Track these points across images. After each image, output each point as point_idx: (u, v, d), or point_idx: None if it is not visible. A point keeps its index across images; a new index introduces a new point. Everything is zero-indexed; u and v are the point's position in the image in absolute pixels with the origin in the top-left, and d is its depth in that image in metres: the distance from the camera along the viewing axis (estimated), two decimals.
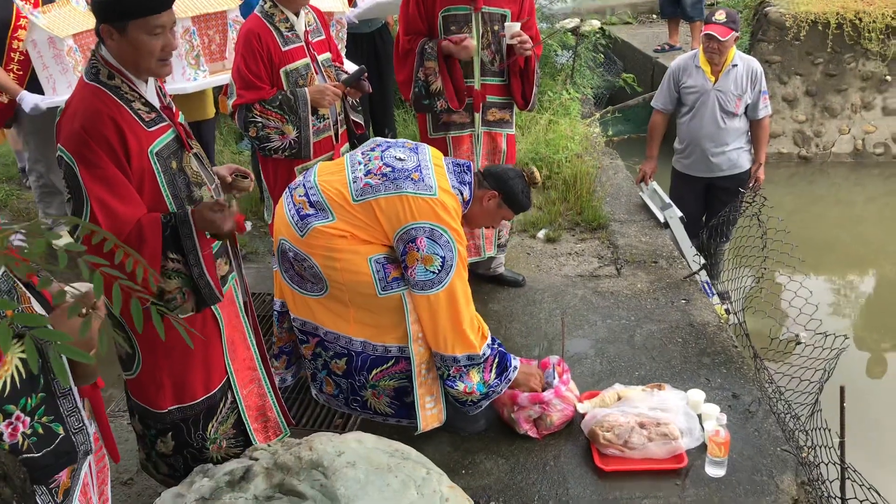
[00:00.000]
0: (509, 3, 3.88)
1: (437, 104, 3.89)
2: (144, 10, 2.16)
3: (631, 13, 9.84)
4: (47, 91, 4.28)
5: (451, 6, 3.81)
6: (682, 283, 4.47)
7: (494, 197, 3.09)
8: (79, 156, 2.14)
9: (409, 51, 3.84)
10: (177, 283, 2.30)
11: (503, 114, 4.07)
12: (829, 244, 6.61)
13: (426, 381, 3.08)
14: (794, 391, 3.34)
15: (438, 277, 2.86)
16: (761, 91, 4.82)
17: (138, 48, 2.20)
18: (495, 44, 3.89)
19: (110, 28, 2.17)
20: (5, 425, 1.51)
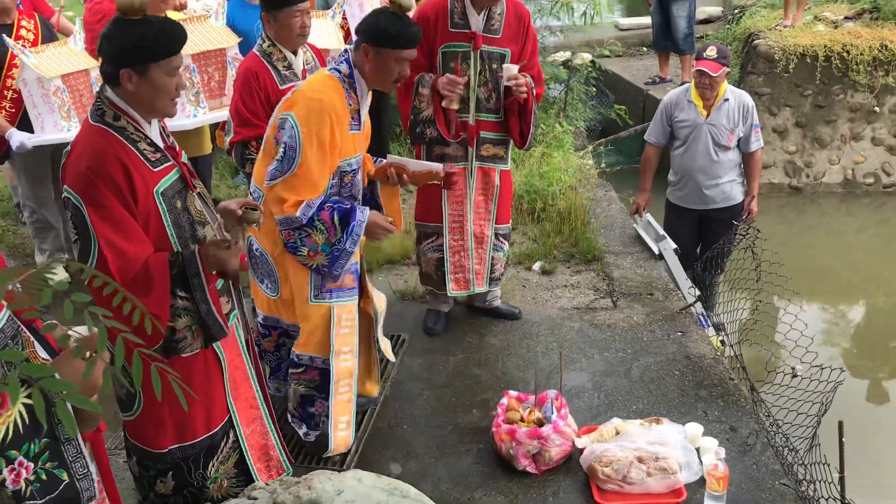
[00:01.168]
0: (510, 43, 3.91)
1: (427, 132, 3.92)
2: (167, 51, 2.22)
3: (622, 46, 9.95)
4: (36, 130, 4.34)
5: (452, 43, 3.87)
6: (677, 315, 4.49)
7: (368, 48, 3.02)
8: (86, 196, 2.16)
9: (410, 84, 3.89)
10: (186, 321, 2.33)
11: (497, 150, 4.10)
12: (822, 273, 6.65)
13: (341, 401, 3.26)
14: (791, 424, 3.35)
15: (281, 167, 2.96)
16: (753, 125, 4.88)
17: (157, 89, 2.24)
18: (492, 81, 3.94)
19: (131, 72, 2.21)
20: (8, 471, 1.51)
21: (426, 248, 4.24)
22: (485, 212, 4.18)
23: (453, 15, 3.85)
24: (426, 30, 3.83)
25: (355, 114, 3.08)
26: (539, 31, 7.99)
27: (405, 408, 3.79)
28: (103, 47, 2.25)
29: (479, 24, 3.85)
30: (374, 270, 5.13)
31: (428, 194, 4.14)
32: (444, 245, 4.16)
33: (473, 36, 3.85)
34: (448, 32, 3.86)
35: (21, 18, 4.54)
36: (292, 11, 3.47)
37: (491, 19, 3.87)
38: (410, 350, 4.26)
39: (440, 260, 4.20)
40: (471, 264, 4.20)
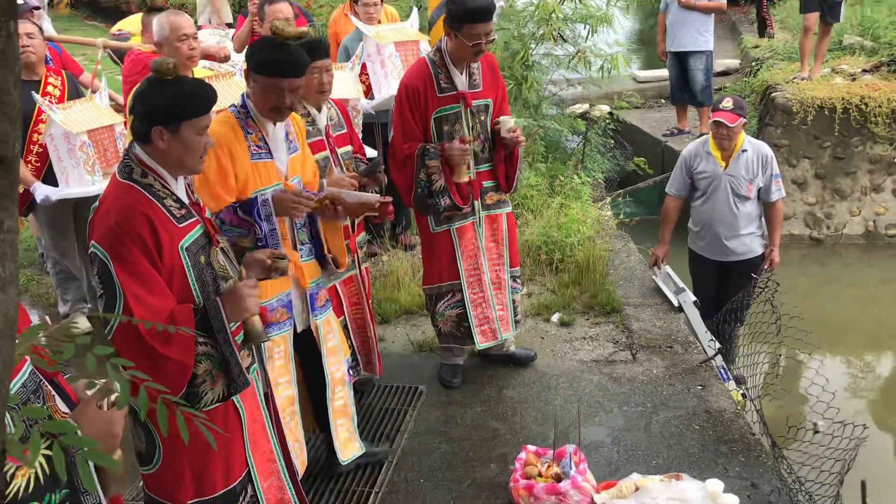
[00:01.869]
0: (489, 92, 4.06)
1: (441, 202, 3.97)
2: (199, 111, 2.31)
3: (639, 98, 10.05)
4: (60, 183, 4.43)
5: (443, 108, 3.95)
6: (697, 368, 4.46)
7: (249, 73, 2.98)
8: (113, 252, 2.22)
9: (409, 157, 3.94)
10: (206, 365, 2.35)
11: (499, 195, 4.20)
12: (845, 326, 6.58)
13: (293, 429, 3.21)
14: (814, 482, 3.29)
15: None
16: (773, 175, 4.89)
17: (188, 147, 2.32)
18: (483, 133, 4.05)
19: (163, 129, 2.28)
20: None
21: (443, 309, 4.23)
22: (497, 257, 4.24)
23: (438, 80, 3.94)
24: (417, 100, 3.92)
25: (259, 140, 3.01)
26: (557, 84, 8.11)
27: (422, 461, 3.77)
28: (136, 106, 2.32)
29: (465, 83, 3.96)
30: (390, 321, 5.15)
31: (438, 258, 4.16)
32: (464, 300, 4.16)
33: (463, 96, 3.94)
34: (437, 98, 3.94)
35: (48, 75, 4.68)
36: (311, 69, 3.51)
37: (472, 75, 3.99)
38: (427, 402, 4.25)
39: (461, 315, 4.20)
40: (494, 313, 4.23)
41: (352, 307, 3.95)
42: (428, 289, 4.27)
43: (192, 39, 4.09)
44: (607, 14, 7.29)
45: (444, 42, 3.96)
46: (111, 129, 4.48)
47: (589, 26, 7.26)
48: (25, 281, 5.99)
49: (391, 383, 4.42)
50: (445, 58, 3.94)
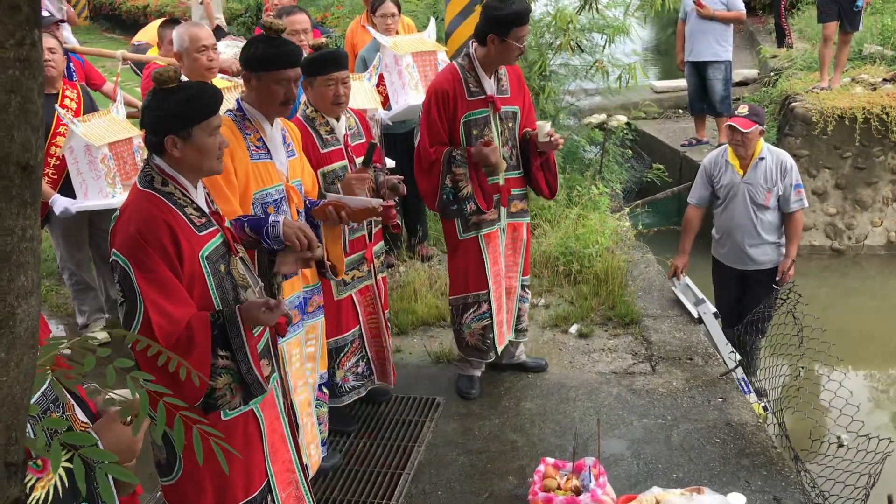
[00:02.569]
0: (517, 100, 4.09)
1: (467, 208, 3.98)
2: (206, 113, 2.31)
3: (657, 108, 10.01)
4: (79, 195, 4.45)
5: (472, 111, 3.95)
6: (718, 380, 4.41)
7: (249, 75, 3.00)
8: (134, 260, 2.22)
9: (434, 162, 3.94)
10: (226, 379, 2.34)
11: (523, 204, 4.23)
12: (867, 337, 6.50)
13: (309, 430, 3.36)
14: (839, 496, 3.24)
15: None
16: (793, 184, 4.84)
17: (203, 150, 2.33)
18: (512, 140, 4.07)
19: (175, 138, 2.29)
20: None
21: (469, 321, 4.20)
22: (514, 265, 4.27)
23: (468, 84, 3.95)
24: (446, 103, 3.93)
25: (258, 141, 3.03)
26: (574, 94, 8.10)
27: (440, 473, 3.74)
28: (146, 119, 2.33)
29: (493, 88, 3.97)
30: (408, 332, 5.13)
31: (466, 265, 4.13)
32: (490, 311, 4.15)
33: (492, 100, 3.95)
34: (467, 102, 3.95)
35: (65, 88, 4.72)
36: (326, 80, 3.51)
37: (499, 81, 4.01)
38: (445, 414, 4.22)
39: (487, 327, 4.18)
40: (505, 317, 4.27)
41: (367, 316, 3.94)
42: (454, 299, 4.24)
43: (212, 50, 4.11)
44: (624, 24, 7.28)
45: (472, 48, 3.98)
46: (129, 141, 4.51)
47: (606, 36, 7.25)
48: (44, 291, 6.03)
49: (408, 394, 4.41)
50: (474, 62, 3.96)
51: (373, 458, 3.88)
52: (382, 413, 4.26)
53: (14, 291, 1.00)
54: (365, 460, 3.87)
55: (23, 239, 1.01)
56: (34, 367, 1.05)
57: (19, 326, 1.01)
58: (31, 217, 1.03)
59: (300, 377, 3.29)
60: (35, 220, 1.04)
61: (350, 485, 3.69)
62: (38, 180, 1.04)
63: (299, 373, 3.28)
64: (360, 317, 3.90)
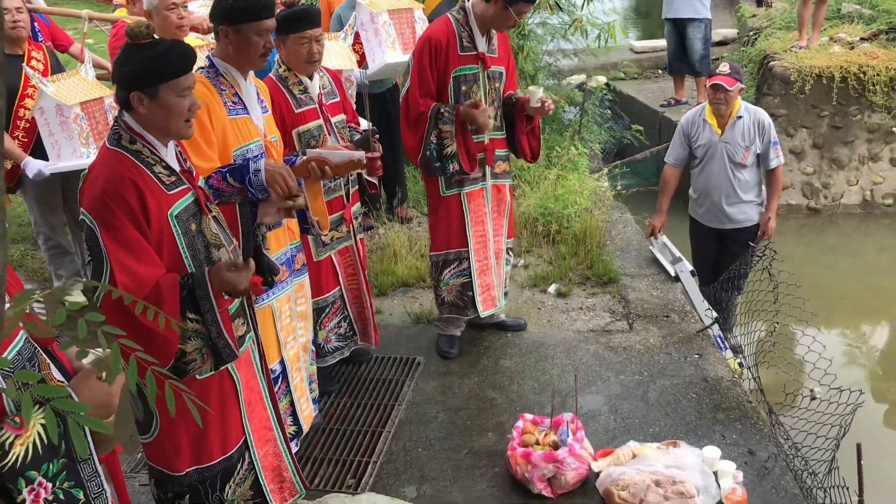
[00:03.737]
0: (503, 61, 4.08)
1: (450, 167, 3.96)
2: (175, 72, 2.26)
3: (637, 68, 9.97)
4: (51, 157, 4.37)
5: (463, 66, 3.92)
6: (694, 337, 4.46)
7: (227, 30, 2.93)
8: (100, 218, 2.19)
9: (422, 114, 3.91)
10: (196, 343, 2.32)
11: (506, 165, 4.24)
12: (842, 295, 6.59)
13: (298, 385, 3.36)
14: (810, 447, 3.31)
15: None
16: (771, 142, 4.86)
17: (169, 110, 2.28)
18: (498, 100, 4.05)
19: (141, 94, 2.24)
20: (28, 491, 1.52)
21: (448, 277, 4.22)
22: (499, 227, 4.27)
23: (461, 39, 3.92)
24: (438, 54, 3.90)
25: (234, 97, 2.98)
26: (553, 54, 8.05)
27: (420, 431, 3.77)
28: (116, 74, 2.29)
29: (485, 46, 3.95)
30: (388, 294, 5.14)
31: (448, 222, 4.13)
32: (470, 269, 4.16)
33: (482, 57, 3.93)
34: (458, 56, 3.92)
35: (31, 49, 4.61)
36: (300, 38, 3.46)
37: (490, 41, 3.99)
38: (425, 373, 4.25)
39: (466, 284, 4.19)
40: (494, 280, 4.25)
41: (347, 277, 3.95)
42: (435, 255, 4.25)
43: (182, 8, 4.04)
44: None
45: (470, 3, 3.94)
46: (101, 101, 4.43)
47: None
48: (20, 256, 5.97)
49: (389, 354, 4.43)
50: (470, 18, 3.92)
51: (354, 417, 3.91)
52: (363, 373, 4.28)
53: None
54: (346, 419, 3.90)
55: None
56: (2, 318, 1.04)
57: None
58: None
59: (290, 333, 3.31)
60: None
61: (332, 443, 3.72)
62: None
63: (289, 328, 3.30)
64: (341, 278, 3.91)
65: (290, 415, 3.35)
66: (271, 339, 3.20)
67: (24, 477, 1.52)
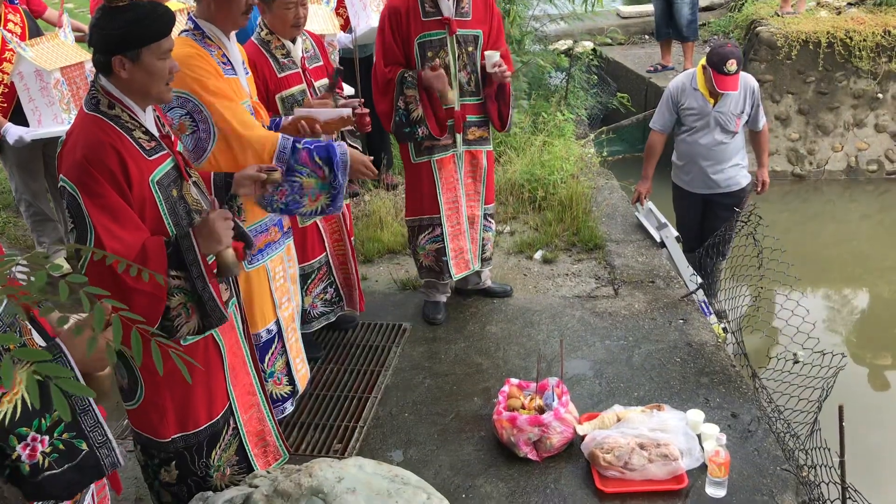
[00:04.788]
0: (480, 24, 3.97)
1: (419, 132, 3.94)
2: (156, 35, 2.22)
3: (623, 34, 9.91)
4: (32, 123, 4.31)
5: (427, 32, 3.87)
6: (679, 302, 4.49)
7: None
8: (81, 185, 2.15)
9: (389, 81, 3.89)
10: (179, 298, 2.28)
11: (482, 131, 4.16)
12: (825, 261, 6.64)
13: (294, 345, 3.36)
14: (793, 410, 3.35)
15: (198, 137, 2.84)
16: (758, 104, 4.85)
17: (151, 73, 2.24)
18: (471, 65, 3.98)
19: (123, 58, 2.20)
20: (22, 447, 1.53)
21: (423, 242, 4.23)
22: (475, 193, 4.24)
23: (423, 4, 3.86)
24: (399, 23, 3.86)
25: (223, 58, 2.93)
26: (539, 19, 7.98)
27: (406, 396, 3.79)
28: (93, 37, 2.24)
29: (451, 9, 3.87)
30: (374, 261, 5.13)
31: (420, 189, 4.14)
32: (442, 234, 4.17)
33: (448, 22, 3.86)
34: (421, 22, 3.86)
35: (7, 13, 4.52)
36: (286, 2, 3.41)
37: (460, 3, 3.90)
38: (411, 339, 4.26)
39: (440, 250, 4.21)
40: (468, 245, 4.26)
41: (333, 244, 3.94)
42: (410, 220, 4.27)
43: None
44: None
45: None
46: (81, 66, 4.36)
47: None
48: (2, 224, 5.91)
49: (375, 321, 4.43)
50: None
51: (340, 383, 3.92)
52: (349, 339, 4.28)
53: None
54: (333, 385, 3.91)
55: None
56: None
57: None
58: None
59: (284, 293, 3.31)
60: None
61: (318, 408, 3.73)
62: None
63: (283, 289, 3.30)
64: (327, 243, 3.89)
65: (286, 374, 3.36)
66: (266, 300, 3.20)
67: (15, 434, 1.52)
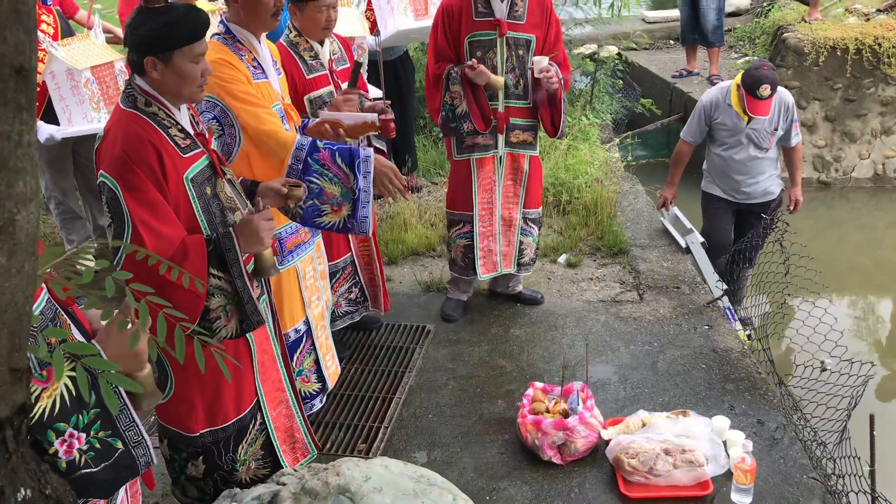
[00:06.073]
0: (534, 28, 3.97)
1: (464, 126, 3.99)
2: (189, 38, 2.25)
3: (648, 38, 9.88)
4: (62, 121, 4.37)
5: (477, 32, 3.91)
6: (704, 308, 4.47)
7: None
8: (121, 179, 2.18)
9: (439, 77, 3.97)
10: (220, 300, 2.32)
11: (526, 136, 4.17)
12: (851, 269, 6.57)
13: (324, 342, 3.42)
14: (820, 418, 3.32)
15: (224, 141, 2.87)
16: (793, 120, 4.81)
17: (183, 75, 2.27)
18: (520, 68, 3.98)
19: (155, 59, 2.23)
20: (59, 443, 1.54)
21: (454, 236, 4.32)
22: (513, 195, 4.26)
23: (476, 4, 3.90)
24: (451, 21, 3.92)
25: (254, 62, 2.96)
26: (564, 23, 7.97)
27: (430, 397, 3.80)
28: (128, 37, 2.27)
29: (504, 11, 3.90)
30: (398, 262, 5.15)
31: (457, 183, 4.22)
32: (473, 232, 4.23)
33: (498, 23, 3.89)
34: (473, 22, 3.91)
35: (41, 13, 4.58)
36: (318, 5, 3.44)
37: (514, 6, 3.92)
38: (435, 340, 4.27)
39: (468, 247, 4.27)
40: (498, 247, 4.29)
41: (358, 244, 3.97)
42: (447, 213, 4.38)
43: None
44: None
45: None
46: (111, 65, 4.42)
47: None
48: None
49: (399, 322, 4.45)
50: None
51: (365, 383, 3.94)
52: (374, 340, 4.30)
53: (13, 198, 0.99)
54: (357, 385, 3.93)
55: (19, 144, 1.00)
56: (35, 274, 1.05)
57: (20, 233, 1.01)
58: (27, 122, 1.01)
59: (314, 292, 3.37)
60: (31, 125, 1.02)
61: (343, 408, 3.75)
62: (33, 85, 1.01)
63: (313, 288, 3.36)
64: (352, 244, 3.92)
65: (315, 372, 3.39)
66: (296, 300, 3.25)
67: (54, 429, 1.53)
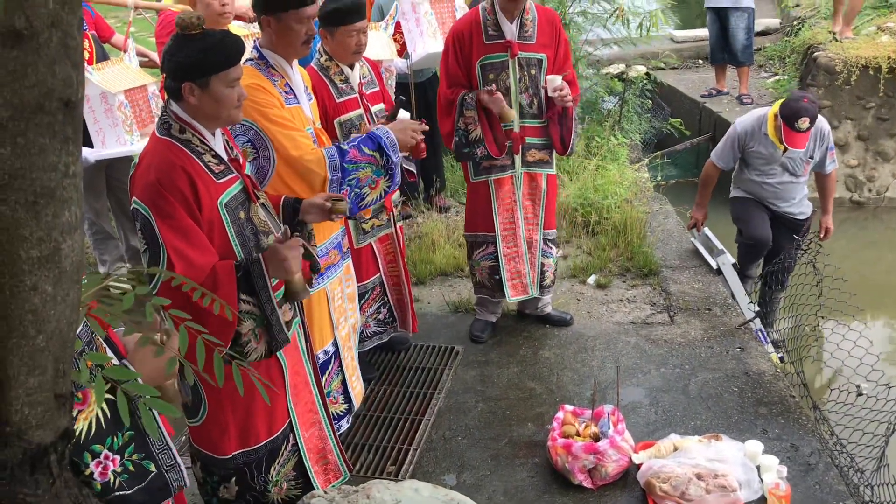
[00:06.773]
0: (545, 48, 4.00)
1: (477, 151, 4.01)
2: (225, 64, 2.30)
3: (677, 58, 9.86)
4: (96, 144, 4.45)
5: (488, 55, 3.94)
6: (736, 330, 4.42)
7: (269, 19, 2.95)
8: (154, 207, 2.22)
9: (451, 102, 3.99)
10: (250, 324, 2.36)
11: (542, 154, 4.17)
12: (886, 289, 6.47)
13: (350, 363, 3.46)
14: (857, 444, 3.27)
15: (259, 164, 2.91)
16: (829, 147, 4.77)
17: (220, 100, 2.32)
18: (533, 88, 4.00)
19: (192, 85, 2.28)
20: (95, 465, 1.56)
21: (478, 258, 4.30)
22: (533, 216, 4.25)
23: (486, 27, 3.93)
24: (462, 46, 3.96)
25: (286, 87, 3.02)
26: (593, 44, 7.98)
27: (460, 419, 3.79)
28: (166, 63, 2.32)
29: (514, 32, 3.93)
30: (426, 283, 5.16)
31: (476, 206, 4.22)
32: (497, 253, 4.22)
33: (509, 45, 3.91)
34: (483, 45, 3.94)
35: None
36: (349, 30, 3.48)
37: (524, 26, 3.95)
38: (464, 362, 4.26)
39: (493, 268, 4.26)
40: (526, 269, 4.27)
41: (387, 265, 3.98)
42: (467, 235, 4.38)
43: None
44: None
45: None
46: (144, 89, 4.50)
47: None
48: None
49: (428, 343, 4.45)
50: (495, 5, 3.93)
51: (393, 405, 3.93)
52: (402, 361, 4.31)
53: (59, 227, 1.01)
54: (386, 406, 3.93)
55: (66, 175, 1.02)
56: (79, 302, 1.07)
57: (65, 261, 1.03)
58: (73, 153, 1.03)
59: (342, 314, 3.39)
60: (77, 156, 1.04)
61: (372, 430, 3.75)
62: (79, 117, 1.04)
63: (341, 310, 3.39)
64: (381, 265, 3.94)
65: (342, 393, 3.42)
66: (325, 322, 3.28)
67: (90, 451, 1.55)
